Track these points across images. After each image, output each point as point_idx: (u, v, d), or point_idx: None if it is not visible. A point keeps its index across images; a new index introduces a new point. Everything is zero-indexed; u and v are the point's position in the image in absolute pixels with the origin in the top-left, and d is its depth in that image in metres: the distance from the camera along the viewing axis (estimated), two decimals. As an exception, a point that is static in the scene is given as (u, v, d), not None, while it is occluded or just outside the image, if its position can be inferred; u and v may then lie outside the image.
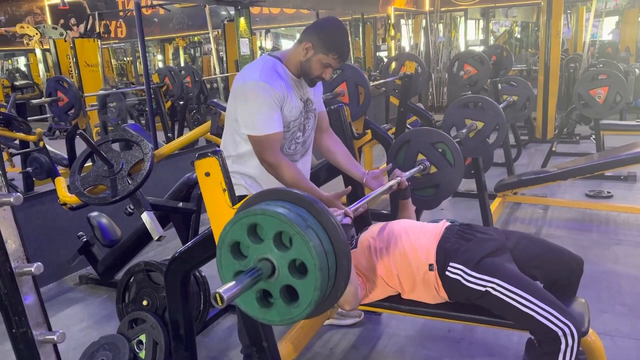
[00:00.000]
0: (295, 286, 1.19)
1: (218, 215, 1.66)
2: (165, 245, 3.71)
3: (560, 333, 1.64)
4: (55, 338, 1.27)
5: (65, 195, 2.41)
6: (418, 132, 2.53)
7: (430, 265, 1.87)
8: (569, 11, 10.10)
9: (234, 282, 1.12)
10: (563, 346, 1.65)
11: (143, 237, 2.91)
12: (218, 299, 1.07)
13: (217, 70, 7.57)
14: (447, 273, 1.84)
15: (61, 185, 2.46)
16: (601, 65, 6.34)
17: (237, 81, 1.92)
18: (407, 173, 2.24)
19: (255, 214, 1.20)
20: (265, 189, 1.94)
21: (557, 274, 1.92)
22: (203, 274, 2.54)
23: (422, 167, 2.40)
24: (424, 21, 9.52)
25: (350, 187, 2.06)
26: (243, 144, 1.93)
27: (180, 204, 2.61)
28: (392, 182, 2.11)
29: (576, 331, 1.64)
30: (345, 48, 1.93)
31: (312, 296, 1.17)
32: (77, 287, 3.33)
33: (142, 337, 2.23)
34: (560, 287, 1.91)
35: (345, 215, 1.68)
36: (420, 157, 2.45)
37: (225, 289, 1.09)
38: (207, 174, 1.65)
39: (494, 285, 1.75)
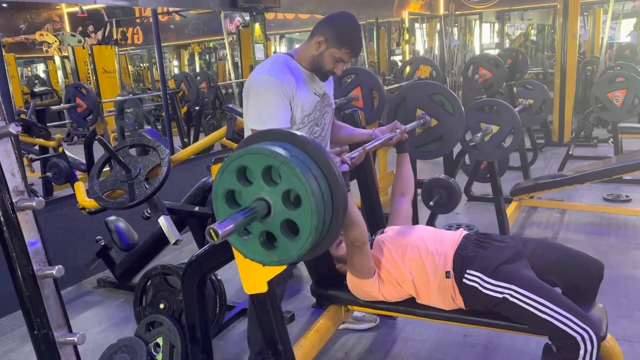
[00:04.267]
0: (293, 218, 1.19)
1: (234, 219, 1.68)
2: (181, 249, 3.74)
3: (579, 338, 1.63)
4: (75, 339, 1.29)
5: (84, 200, 2.45)
6: (413, 87, 2.52)
7: (447, 272, 1.87)
8: (585, 13, 9.99)
9: (228, 218, 1.13)
10: (582, 351, 1.63)
11: (160, 241, 2.94)
12: (213, 233, 1.07)
13: (232, 75, 7.64)
14: (464, 280, 1.84)
15: (80, 190, 2.50)
16: (619, 68, 6.27)
17: (248, 79, 1.95)
18: (408, 126, 2.24)
19: (240, 155, 1.21)
20: None
21: (577, 279, 1.90)
22: (219, 277, 2.56)
23: (422, 121, 2.40)
24: (438, 25, 9.49)
25: (347, 147, 2.06)
26: None
27: (197, 208, 2.64)
28: (392, 133, 2.12)
29: (595, 336, 1.63)
30: (358, 43, 1.94)
31: (311, 222, 1.17)
32: (96, 290, 3.37)
33: (159, 340, 2.26)
34: (579, 292, 1.89)
35: (342, 162, 1.68)
36: (419, 112, 2.44)
37: (219, 223, 1.09)
38: (223, 179, 1.67)
39: (511, 292, 1.75)
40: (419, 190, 3.24)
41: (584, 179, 3.73)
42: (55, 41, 7.72)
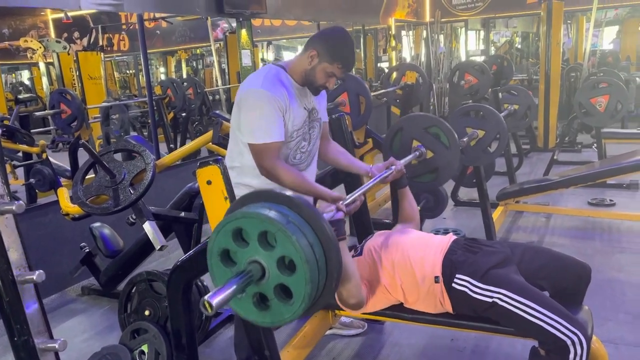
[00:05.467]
0: (287, 283, 1.19)
1: (220, 223, 1.66)
2: (167, 256, 3.70)
3: (569, 342, 1.64)
4: (56, 346, 1.26)
5: (68, 206, 2.42)
6: (410, 119, 2.55)
7: (436, 277, 1.86)
8: (569, 21, 10.14)
9: (222, 287, 1.12)
10: (572, 355, 1.64)
11: (145, 248, 2.91)
12: (207, 305, 1.07)
13: (220, 82, 7.62)
14: (453, 285, 1.83)
15: (64, 195, 2.47)
16: (602, 74, 6.36)
17: (240, 90, 1.94)
18: (403, 160, 2.23)
19: (237, 218, 1.21)
20: None
21: (565, 283, 1.91)
22: (205, 283, 2.54)
23: (417, 153, 2.41)
24: (424, 32, 9.56)
25: (344, 195, 2.06)
26: (248, 154, 1.93)
27: (182, 214, 2.62)
28: (387, 171, 2.11)
29: (585, 340, 1.64)
30: (350, 58, 1.94)
31: (305, 290, 1.17)
32: (80, 298, 3.32)
33: (144, 348, 2.23)
34: (567, 295, 1.90)
35: (338, 209, 1.67)
36: (415, 143, 2.46)
37: (212, 294, 1.09)
38: (209, 182, 1.66)
39: (500, 296, 1.75)
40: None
41: (569, 183, 3.77)
42: (40, 47, 7.65)
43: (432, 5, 9.44)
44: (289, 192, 1.28)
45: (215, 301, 1.07)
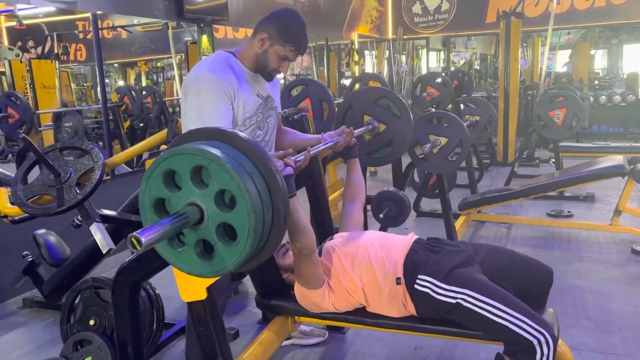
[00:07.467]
0: (229, 220, 1.09)
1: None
2: (119, 266, 3.51)
3: (535, 342, 1.59)
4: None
5: (6, 207, 2.23)
6: (358, 93, 2.53)
7: (398, 278, 1.80)
8: (524, 44, 10.47)
9: (153, 225, 1.01)
10: (538, 355, 1.59)
11: (93, 255, 2.72)
12: (135, 242, 0.95)
13: (180, 93, 7.47)
14: (415, 286, 1.77)
15: (2, 196, 2.28)
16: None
17: (186, 76, 1.84)
18: (356, 131, 2.19)
19: (165, 158, 1.10)
20: None
21: (528, 284, 1.89)
22: (157, 291, 2.39)
23: (370, 126, 2.37)
24: (386, 52, 9.67)
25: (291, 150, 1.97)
26: None
27: (134, 217, 2.46)
28: (339, 137, 2.07)
29: (552, 339, 1.59)
30: (303, 39, 1.86)
31: (249, 223, 1.06)
32: (21, 310, 3.10)
33: (88, 360, 2.06)
34: (530, 297, 1.86)
35: (285, 165, 1.57)
36: (367, 118, 2.41)
37: (142, 230, 0.97)
38: (159, 174, 1.54)
39: (464, 297, 1.69)
40: (369, 207, 3.18)
41: (529, 193, 3.80)
42: (-10, 54, 7.33)
43: (395, 22, 9.57)
44: (222, 127, 1.18)
45: (145, 238, 0.95)
